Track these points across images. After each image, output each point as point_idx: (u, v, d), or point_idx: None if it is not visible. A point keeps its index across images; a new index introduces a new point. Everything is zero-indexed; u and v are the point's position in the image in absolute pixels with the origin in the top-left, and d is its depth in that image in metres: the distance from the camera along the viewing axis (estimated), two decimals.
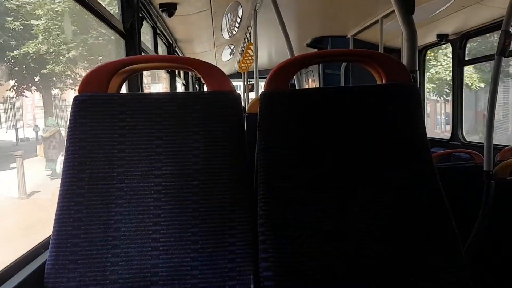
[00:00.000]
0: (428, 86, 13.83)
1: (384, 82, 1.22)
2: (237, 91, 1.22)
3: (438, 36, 4.18)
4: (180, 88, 6.65)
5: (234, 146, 1.15)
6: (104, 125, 1.14)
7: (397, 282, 1.07)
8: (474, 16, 3.55)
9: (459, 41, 4.07)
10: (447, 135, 4.66)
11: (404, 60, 1.44)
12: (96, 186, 1.11)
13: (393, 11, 1.50)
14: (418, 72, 1.38)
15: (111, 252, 1.07)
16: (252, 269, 1.08)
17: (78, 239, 1.08)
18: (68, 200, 1.10)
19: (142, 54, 2.62)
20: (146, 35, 3.59)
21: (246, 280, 1.07)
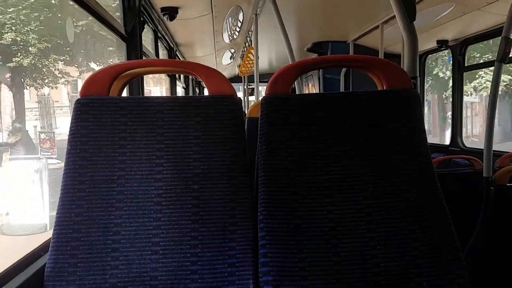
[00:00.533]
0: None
1: (385, 88, 1.22)
2: (240, 97, 1.22)
3: (438, 42, 4.19)
4: (180, 91, 6.66)
5: (235, 150, 1.15)
6: (105, 128, 1.14)
7: (397, 286, 1.07)
8: (474, 23, 3.56)
9: (459, 47, 4.08)
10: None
11: (405, 66, 1.45)
12: (97, 190, 1.11)
13: (394, 16, 1.51)
14: (419, 78, 1.39)
15: (110, 256, 1.07)
16: (252, 273, 1.08)
17: (78, 242, 1.08)
18: (68, 203, 1.10)
19: (143, 57, 2.63)
20: (147, 38, 3.60)
21: (246, 284, 1.07)
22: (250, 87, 9.43)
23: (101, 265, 1.07)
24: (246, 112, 4.27)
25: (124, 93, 1.39)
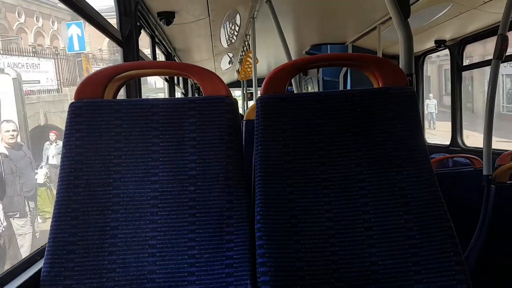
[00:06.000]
0: None
1: (380, 86, 1.22)
2: (236, 99, 1.22)
3: (436, 42, 4.20)
4: (179, 96, 6.65)
5: (230, 151, 1.14)
6: (100, 131, 1.14)
7: (396, 285, 1.06)
8: (472, 22, 3.56)
9: (457, 47, 4.08)
10: None
11: (401, 64, 1.44)
12: (92, 193, 1.10)
13: (391, 17, 1.50)
14: (415, 76, 1.38)
15: (107, 259, 1.07)
16: (249, 274, 1.07)
17: (74, 246, 1.07)
18: (64, 207, 1.09)
19: None
20: (145, 44, 3.59)
21: (244, 285, 1.06)
22: (249, 91, 9.44)
23: (98, 269, 1.06)
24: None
25: (122, 96, 1.38)
